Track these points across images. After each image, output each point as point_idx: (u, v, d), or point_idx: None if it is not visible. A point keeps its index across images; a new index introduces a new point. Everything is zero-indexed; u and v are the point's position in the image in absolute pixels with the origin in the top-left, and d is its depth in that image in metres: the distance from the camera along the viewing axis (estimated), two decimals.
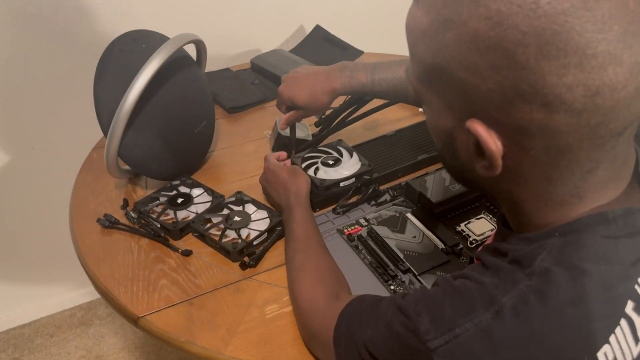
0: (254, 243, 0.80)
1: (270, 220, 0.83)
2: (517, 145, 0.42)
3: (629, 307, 0.41)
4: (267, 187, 0.88)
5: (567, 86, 0.37)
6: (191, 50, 1.00)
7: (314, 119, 1.04)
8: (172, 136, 0.91)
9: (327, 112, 1.00)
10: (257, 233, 0.81)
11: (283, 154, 0.92)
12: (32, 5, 1.22)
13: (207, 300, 0.73)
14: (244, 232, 0.82)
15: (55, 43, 1.28)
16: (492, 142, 0.42)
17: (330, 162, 0.92)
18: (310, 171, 0.90)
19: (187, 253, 0.80)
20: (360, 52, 1.41)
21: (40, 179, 1.44)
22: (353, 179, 0.89)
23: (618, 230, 0.42)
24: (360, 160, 0.92)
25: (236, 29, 1.50)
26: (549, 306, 0.40)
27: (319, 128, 1.02)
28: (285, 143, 0.98)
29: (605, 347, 0.40)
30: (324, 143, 0.99)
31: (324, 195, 0.87)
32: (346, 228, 0.83)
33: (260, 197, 0.90)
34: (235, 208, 0.87)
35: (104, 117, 0.86)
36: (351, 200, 0.90)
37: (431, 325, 0.44)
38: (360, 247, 0.80)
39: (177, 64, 0.93)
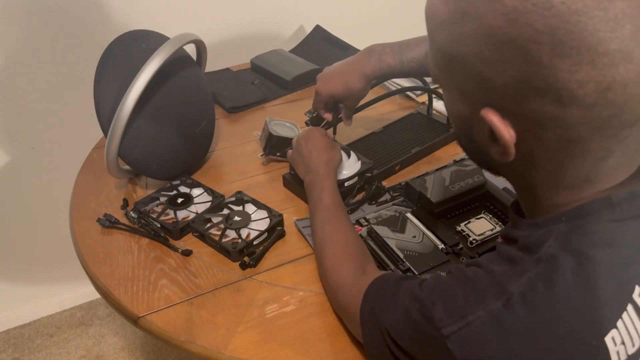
0: (254, 243, 0.81)
1: (270, 220, 0.83)
2: (530, 135, 0.43)
3: (636, 293, 0.42)
4: (301, 146, 0.86)
5: (579, 82, 0.39)
6: (191, 50, 1.00)
7: (300, 109, 1.06)
8: (172, 136, 0.91)
9: (315, 113, 1.00)
10: (257, 233, 0.81)
11: (330, 130, 0.92)
12: (32, 6, 1.22)
13: (207, 300, 0.73)
14: (244, 232, 0.82)
15: (55, 43, 1.28)
16: (506, 131, 0.43)
17: None
18: None
19: (187, 253, 0.80)
20: None
21: (40, 179, 1.44)
22: (356, 178, 0.90)
23: (623, 214, 0.43)
24: (359, 159, 0.92)
25: (236, 29, 1.50)
26: (556, 293, 0.41)
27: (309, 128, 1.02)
28: (276, 144, 0.98)
29: (613, 332, 0.41)
30: None
31: None
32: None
33: (260, 197, 0.90)
34: (235, 208, 0.87)
35: (104, 117, 0.86)
36: (356, 199, 0.90)
37: (445, 314, 0.45)
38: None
39: (177, 64, 0.93)
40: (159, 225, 0.84)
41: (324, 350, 0.66)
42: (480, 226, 0.80)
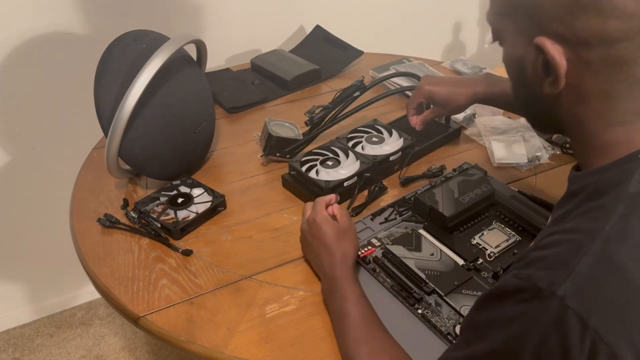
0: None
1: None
2: (578, 59, 0.46)
3: None
4: (308, 241, 0.75)
5: None
6: (191, 50, 1.00)
7: (300, 109, 1.07)
8: (172, 136, 0.92)
9: (317, 111, 1.01)
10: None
11: (333, 197, 0.78)
12: (32, 5, 1.22)
13: (207, 300, 0.73)
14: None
15: (55, 43, 1.28)
16: (557, 54, 0.47)
17: (330, 163, 0.92)
18: (312, 173, 0.90)
19: (188, 253, 0.80)
20: (360, 52, 1.41)
21: (40, 179, 1.44)
22: (355, 178, 0.90)
23: None
24: (358, 159, 0.92)
25: (236, 29, 1.50)
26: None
27: (309, 127, 1.03)
28: (275, 144, 0.98)
29: None
30: (316, 144, 0.99)
31: None
32: (359, 250, 0.77)
33: (260, 197, 0.90)
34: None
35: (105, 117, 0.86)
36: (358, 201, 0.90)
37: (548, 275, 0.42)
38: (377, 270, 0.75)
39: (177, 64, 0.93)
40: (159, 225, 0.84)
41: (324, 349, 0.66)
42: (495, 238, 0.79)
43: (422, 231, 0.81)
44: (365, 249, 0.79)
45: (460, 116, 1.10)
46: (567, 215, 0.48)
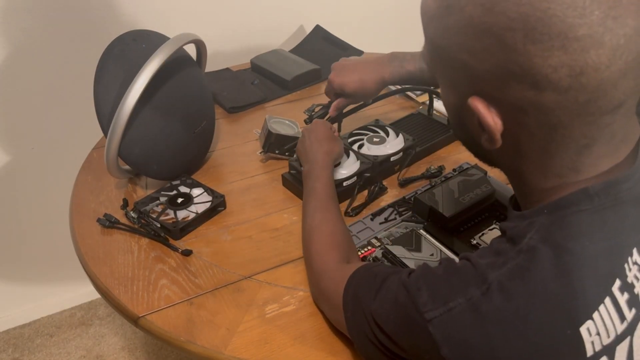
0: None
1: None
2: (514, 122, 0.45)
3: (615, 286, 0.43)
4: (304, 137, 0.89)
5: (552, 67, 0.40)
6: (191, 50, 1.00)
7: (300, 108, 1.07)
8: (172, 136, 0.91)
9: (317, 109, 1.01)
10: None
11: (335, 125, 0.93)
12: (32, 5, 1.22)
13: (207, 300, 0.73)
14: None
15: (55, 43, 1.29)
16: (491, 118, 0.45)
17: None
18: None
19: (187, 253, 0.80)
20: (360, 52, 1.41)
21: (40, 179, 1.44)
22: (355, 178, 0.89)
23: (600, 204, 0.44)
24: (358, 159, 0.92)
25: (236, 29, 1.50)
26: (533, 283, 0.43)
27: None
28: (275, 141, 0.99)
29: (588, 323, 0.42)
30: None
31: None
32: (359, 250, 0.78)
33: (260, 197, 0.90)
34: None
35: (104, 117, 0.86)
36: (357, 202, 0.90)
37: (429, 299, 0.47)
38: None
39: (177, 64, 0.93)
40: (159, 225, 0.84)
41: (324, 350, 0.66)
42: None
43: (422, 231, 0.81)
44: (365, 249, 0.79)
45: None
46: (491, 245, 0.49)
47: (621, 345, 0.44)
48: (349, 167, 0.91)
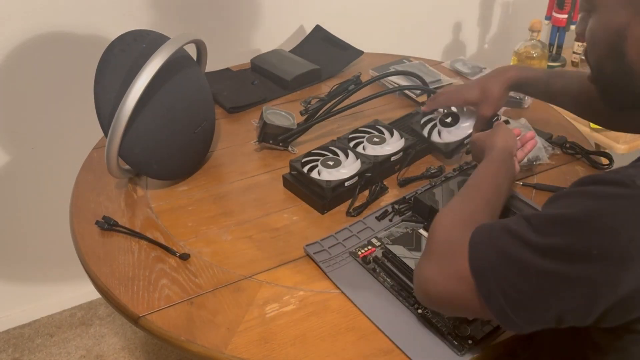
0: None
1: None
2: None
3: None
4: (506, 131, 0.82)
5: None
6: (191, 50, 1.00)
7: (299, 107, 1.09)
8: (172, 136, 0.92)
9: (313, 102, 1.02)
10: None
11: (518, 130, 0.88)
12: (31, 5, 1.22)
13: (207, 300, 0.73)
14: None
15: (55, 43, 1.29)
16: None
17: (330, 162, 0.92)
18: (313, 173, 0.90)
19: (185, 257, 0.79)
20: (360, 52, 1.41)
21: (40, 179, 1.44)
22: (356, 178, 0.90)
23: None
24: (358, 158, 0.92)
25: (236, 29, 1.50)
26: None
27: (305, 117, 1.04)
28: (270, 132, 1.00)
29: None
30: (310, 135, 1.01)
31: (332, 196, 0.88)
32: (359, 250, 0.79)
33: (260, 197, 0.90)
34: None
35: (105, 117, 0.86)
36: (359, 201, 0.90)
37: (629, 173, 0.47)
38: (377, 270, 0.75)
39: (177, 64, 0.93)
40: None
41: (324, 349, 0.66)
42: None
43: (422, 231, 0.81)
44: (366, 248, 0.79)
45: None
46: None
47: None
48: (349, 167, 0.91)
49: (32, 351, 1.57)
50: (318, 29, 1.52)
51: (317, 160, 0.93)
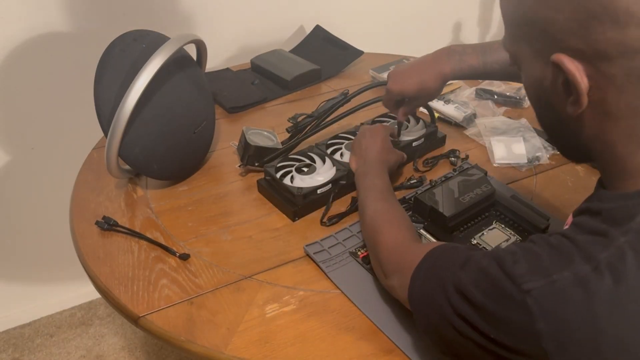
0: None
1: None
2: (600, 74, 0.45)
3: None
4: (365, 137, 0.90)
5: None
6: (191, 50, 1.00)
7: (298, 108, 1.06)
8: (172, 136, 0.92)
9: (300, 119, 0.98)
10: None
11: (395, 131, 0.98)
12: (31, 5, 1.22)
13: (208, 300, 0.73)
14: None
15: (55, 43, 1.29)
16: (577, 71, 0.45)
17: (305, 169, 0.91)
18: (286, 180, 0.88)
19: (185, 257, 0.79)
20: (360, 52, 1.42)
21: (40, 179, 1.44)
22: (330, 185, 0.88)
23: None
24: (334, 165, 0.91)
25: (236, 29, 1.50)
26: None
27: (290, 134, 1.00)
28: (253, 153, 0.95)
29: None
30: (295, 150, 0.98)
31: (303, 204, 0.86)
32: (359, 250, 0.79)
33: (260, 197, 0.90)
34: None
35: (104, 116, 0.86)
36: (334, 211, 0.90)
37: (528, 272, 0.45)
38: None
39: (177, 64, 0.93)
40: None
41: (324, 349, 0.66)
42: (495, 238, 0.78)
43: (422, 231, 0.81)
44: (366, 248, 0.78)
45: (460, 116, 1.10)
46: (581, 225, 0.47)
47: None
48: (324, 174, 0.89)
49: (32, 351, 1.57)
50: (318, 29, 1.52)
51: (293, 166, 0.92)
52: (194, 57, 1.03)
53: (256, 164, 0.96)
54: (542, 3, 0.46)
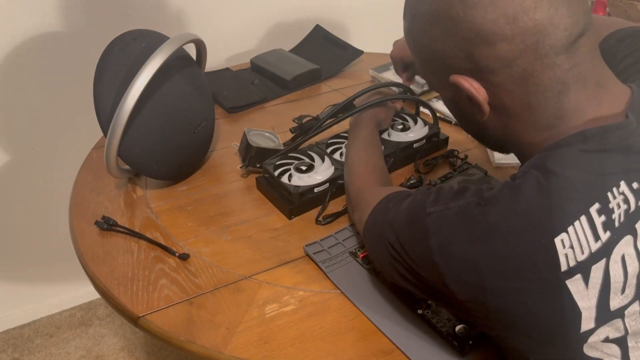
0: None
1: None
2: (491, 84, 0.53)
3: (593, 208, 0.48)
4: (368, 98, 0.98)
5: (492, 21, 0.49)
6: (191, 50, 1.00)
7: (296, 109, 1.06)
8: (172, 136, 0.91)
9: (304, 121, 0.98)
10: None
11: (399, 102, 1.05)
12: (31, 5, 1.22)
13: (207, 300, 0.73)
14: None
15: (54, 43, 1.29)
16: (471, 87, 0.53)
17: (303, 167, 0.91)
18: (284, 178, 0.88)
19: (185, 257, 0.79)
20: (360, 52, 1.42)
21: (40, 179, 1.44)
22: (327, 184, 0.88)
23: (593, 146, 0.49)
24: (333, 164, 0.91)
25: (236, 29, 1.50)
26: (518, 196, 0.49)
27: (293, 135, 0.99)
28: (255, 154, 0.94)
29: (563, 235, 0.47)
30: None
31: (299, 202, 0.86)
32: (359, 250, 0.78)
33: (260, 197, 0.90)
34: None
35: (104, 116, 0.86)
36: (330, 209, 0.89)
37: (435, 199, 0.55)
38: (377, 270, 0.74)
39: (177, 64, 0.93)
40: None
41: (324, 350, 0.66)
42: None
43: None
44: (366, 249, 0.78)
45: None
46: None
47: (596, 266, 0.47)
48: (323, 173, 0.89)
49: (31, 351, 1.57)
50: (318, 28, 1.52)
51: (291, 164, 0.91)
52: (194, 57, 1.03)
53: (257, 166, 0.95)
54: (430, 38, 0.55)
